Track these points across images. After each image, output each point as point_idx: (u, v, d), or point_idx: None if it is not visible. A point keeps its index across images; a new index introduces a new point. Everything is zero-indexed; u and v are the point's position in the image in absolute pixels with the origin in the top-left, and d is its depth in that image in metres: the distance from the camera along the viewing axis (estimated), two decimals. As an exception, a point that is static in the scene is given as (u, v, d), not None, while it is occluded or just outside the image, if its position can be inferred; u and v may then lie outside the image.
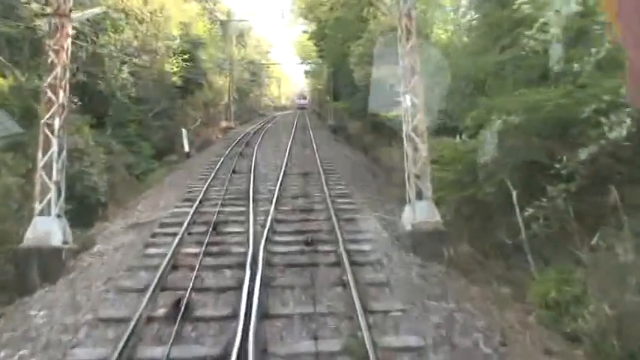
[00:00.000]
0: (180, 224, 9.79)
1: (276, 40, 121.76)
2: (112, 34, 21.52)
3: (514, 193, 8.81)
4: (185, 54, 26.74)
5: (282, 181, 14.05)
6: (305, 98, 67.36)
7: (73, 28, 18.96)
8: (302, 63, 57.00)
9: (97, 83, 20.93)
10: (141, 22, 23.52)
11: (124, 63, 22.07)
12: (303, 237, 8.98)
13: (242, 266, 7.39)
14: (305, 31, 43.88)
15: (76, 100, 19.32)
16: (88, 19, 20.17)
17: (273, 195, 12.09)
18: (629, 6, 2.44)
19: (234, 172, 16.02)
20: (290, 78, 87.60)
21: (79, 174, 13.54)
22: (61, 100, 9.12)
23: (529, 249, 8.57)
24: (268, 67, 63.73)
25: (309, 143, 23.66)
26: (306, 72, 61.01)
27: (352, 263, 7.52)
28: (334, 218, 10.03)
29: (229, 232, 9.49)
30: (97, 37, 20.46)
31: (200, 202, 11.78)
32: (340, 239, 8.59)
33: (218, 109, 36.94)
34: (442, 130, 13.25)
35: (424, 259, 8.51)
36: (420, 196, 9.51)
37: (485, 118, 10.86)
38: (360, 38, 23.28)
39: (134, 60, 22.82)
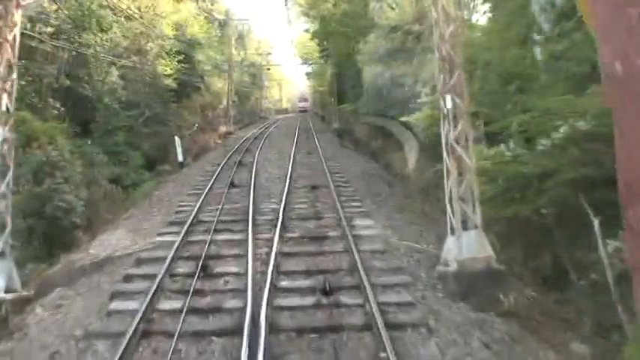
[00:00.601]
0: (162, 260, 7.77)
1: (276, 42, 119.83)
2: (97, 33, 19.54)
3: (596, 222, 6.74)
4: (180, 55, 24.87)
5: (287, 196, 12.02)
6: (306, 100, 65.75)
7: (52, 25, 17.48)
8: (303, 64, 54.91)
9: (83, 87, 19.01)
10: (130, 19, 21.53)
11: (112, 64, 20.12)
12: (317, 281, 6.92)
13: (238, 332, 5.36)
14: (306, 30, 41.90)
15: (58, 106, 17.52)
16: (69, 16, 18.37)
17: (278, 216, 10.08)
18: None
19: (232, 184, 14.05)
20: (291, 80, 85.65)
21: (50, 192, 11.51)
22: (4, 106, 7.10)
23: (618, 295, 6.53)
24: (269, 70, 61.74)
25: (314, 149, 21.72)
26: (308, 74, 58.99)
27: (389, 326, 5.46)
28: (354, 250, 7.97)
29: (222, 274, 7.39)
30: (80, 37, 18.48)
31: (190, 226, 9.78)
32: (367, 285, 6.52)
33: (216, 113, 34.94)
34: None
35: (478, 310, 6.48)
36: (465, 223, 7.43)
37: (538, 122, 8.96)
38: (369, 34, 21.22)
39: (123, 61, 20.88)
